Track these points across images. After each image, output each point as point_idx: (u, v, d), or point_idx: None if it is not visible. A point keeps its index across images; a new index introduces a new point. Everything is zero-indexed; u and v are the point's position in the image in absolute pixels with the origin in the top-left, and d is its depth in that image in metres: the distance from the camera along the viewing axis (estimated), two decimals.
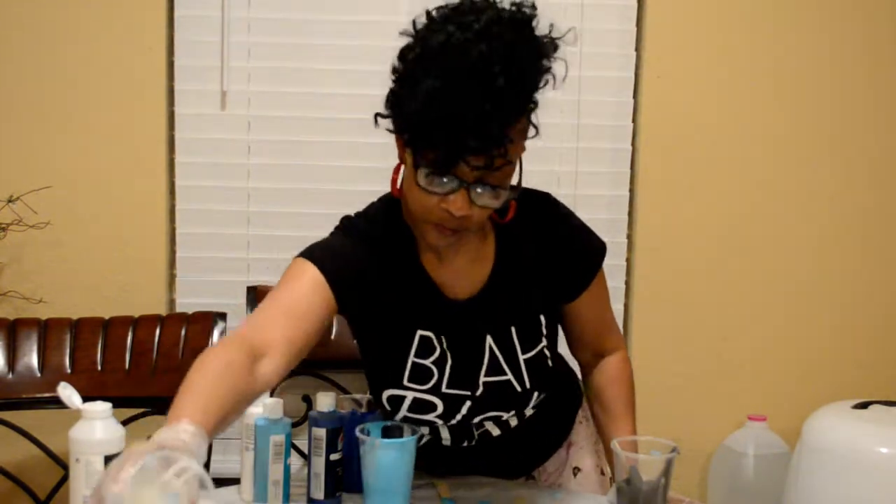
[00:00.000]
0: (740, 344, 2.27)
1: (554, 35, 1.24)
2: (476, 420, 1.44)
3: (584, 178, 2.22)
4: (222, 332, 1.88)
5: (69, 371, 1.84)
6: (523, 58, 1.19)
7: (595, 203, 2.23)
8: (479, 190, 1.24)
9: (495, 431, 1.49)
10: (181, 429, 1.03)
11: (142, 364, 1.86)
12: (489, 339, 1.40)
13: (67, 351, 1.85)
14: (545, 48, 1.22)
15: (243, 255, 2.19)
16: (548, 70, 1.23)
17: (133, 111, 2.11)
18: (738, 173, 2.23)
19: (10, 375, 1.82)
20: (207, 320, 1.89)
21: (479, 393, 1.41)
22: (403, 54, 1.27)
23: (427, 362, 1.40)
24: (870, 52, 2.21)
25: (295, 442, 1.82)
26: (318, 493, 1.36)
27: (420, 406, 1.41)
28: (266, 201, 2.18)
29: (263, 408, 1.36)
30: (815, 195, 2.25)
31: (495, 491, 1.47)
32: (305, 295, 1.32)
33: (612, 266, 2.26)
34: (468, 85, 1.16)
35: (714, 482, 2.25)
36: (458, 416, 1.42)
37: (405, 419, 1.41)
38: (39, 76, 2.08)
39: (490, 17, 1.19)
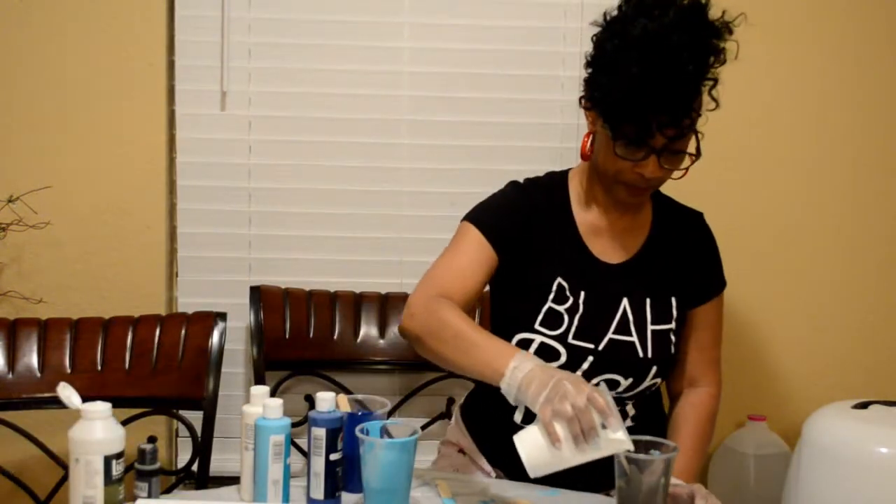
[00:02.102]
0: (740, 344, 2.27)
1: (726, 19, 1.45)
2: (596, 380, 1.51)
3: None
4: (222, 333, 1.88)
5: (69, 371, 1.84)
6: (707, 44, 1.41)
7: None
8: (666, 155, 1.45)
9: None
10: (531, 359, 1.32)
11: (142, 364, 1.86)
12: (625, 301, 1.57)
13: (67, 351, 1.85)
14: (721, 31, 1.44)
15: (245, 254, 2.19)
16: (723, 50, 1.44)
17: (133, 111, 2.11)
18: (739, 174, 2.23)
19: (10, 375, 1.82)
20: (208, 320, 1.90)
21: (602, 348, 1.54)
22: (601, 44, 1.46)
23: (561, 308, 1.54)
24: (869, 51, 2.21)
25: (297, 441, 1.82)
26: (318, 493, 1.36)
27: (545, 353, 1.52)
28: (267, 201, 2.18)
29: (263, 408, 1.36)
30: (815, 195, 2.25)
31: (496, 491, 1.47)
32: (470, 255, 1.55)
33: None
34: (664, 73, 1.37)
35: (714, 482, 2.25)
36: (579, 372, 1.53)
37: None
38: (39, 76, 2.08)
39: (676, 9, 1.39)
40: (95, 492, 1.23)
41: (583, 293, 1.56)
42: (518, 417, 1.58)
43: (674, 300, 1.60)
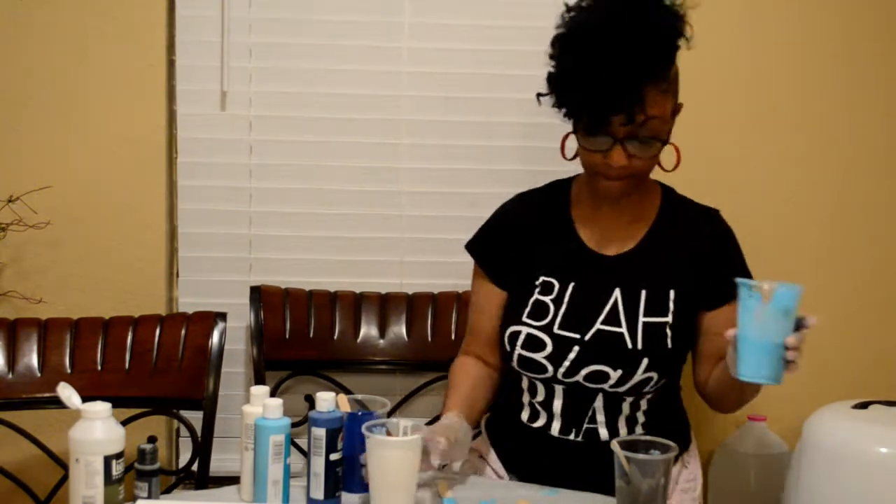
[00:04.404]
0: None
1: (677, 8, 1.46)
2: (584, 372, 1.52)
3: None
4: (222, 332, 1.88)
5: (69, 371, 1.84)
6: (646, 32, 1.41)
7: None
8: (632, 143, 1.46)
9: (603, 433, 1.54)
10: (448, 416, 1.50)
11: (142, 364, 1.86)
12: (617, 292, 1.55)
13: (67, 351, 1.85)
14: (669, 18, 1.44)
15: (245, 254, 2.19)
16: (675, 37, 1.45)
17: (134, 111, 2.10)
18: (739, 174, 2.23)
19: (10, 375, 1.82)
20: (207, 320, 1.90)
21: (588, 338, 1.53)
22: (553, 41, 1.50)
23: (547, 299, 1.57)
24: (870, 52, 2.21)
25: (297, 441, 1.82)
26: (318, 493, 1.37)
27: (532, 343, 1.54)
28: (268, 201, 2.18)
29: (263, 408, 1.36)
30: (816, 195, 2.25)
31: (496, 491, 1.47)
32: (481, 290, 1.68)
33: None
34: (598, 62, 1.39)
35: (714, 482, 2.25)
36: (566, 363, 1.53)
37: (519, 359, 1.56)
38: (39, 76, 2.08)
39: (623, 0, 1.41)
40: (95, 492, 1.24)
41: (572, 284, 1.57)
42: (524, 416, 1.61)
43: (672, 293, 1.56)
